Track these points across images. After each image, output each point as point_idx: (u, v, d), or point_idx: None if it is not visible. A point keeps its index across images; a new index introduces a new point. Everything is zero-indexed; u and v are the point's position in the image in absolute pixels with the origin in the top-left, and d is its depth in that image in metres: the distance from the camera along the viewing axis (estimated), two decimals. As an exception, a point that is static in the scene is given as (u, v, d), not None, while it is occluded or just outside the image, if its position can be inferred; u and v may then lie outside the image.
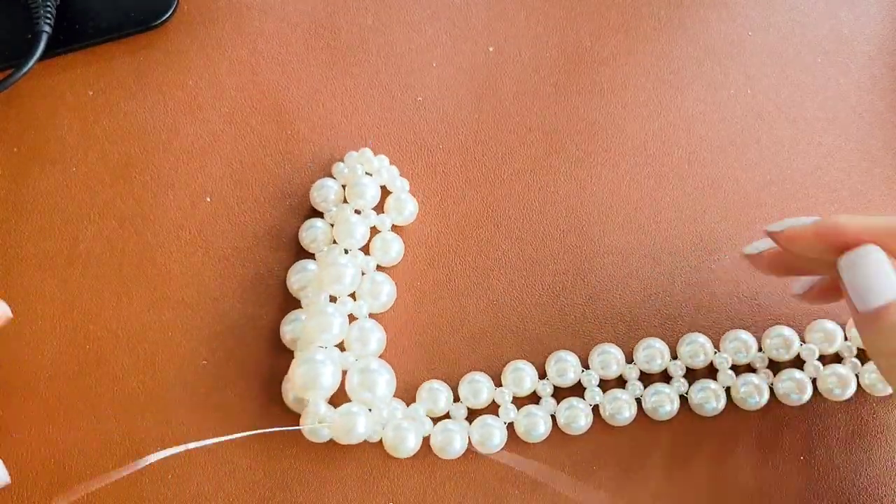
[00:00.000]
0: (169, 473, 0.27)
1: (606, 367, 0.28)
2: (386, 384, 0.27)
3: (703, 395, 0.27)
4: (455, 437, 0.27)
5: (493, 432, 0.27)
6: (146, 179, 0.32)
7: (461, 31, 0.35)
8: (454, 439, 0.27)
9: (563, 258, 0.31)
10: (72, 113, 0.33)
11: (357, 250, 0.30)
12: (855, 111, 0.34)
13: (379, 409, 0.27)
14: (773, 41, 0.35)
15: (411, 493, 0.27)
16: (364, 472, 0.27)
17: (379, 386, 0.27)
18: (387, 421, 0.27)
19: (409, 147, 0.32)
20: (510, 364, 0.28)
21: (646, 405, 0.28)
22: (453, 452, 0.27)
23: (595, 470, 0.27)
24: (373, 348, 0.28)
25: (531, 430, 0.27)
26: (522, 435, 0.27)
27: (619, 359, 0.28)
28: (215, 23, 0.35)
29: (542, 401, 0.28)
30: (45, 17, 0.32)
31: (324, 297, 0.28)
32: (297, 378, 0.26)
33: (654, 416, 0.28)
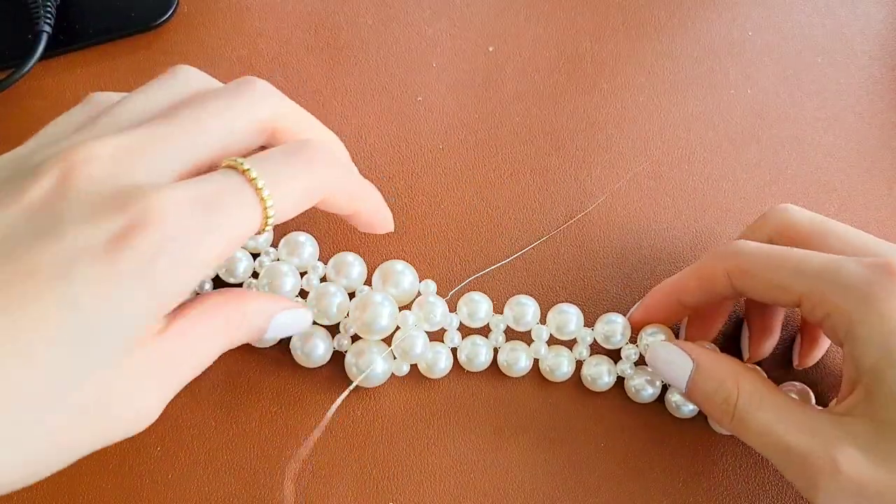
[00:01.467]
0: (170, 473, 0.27)
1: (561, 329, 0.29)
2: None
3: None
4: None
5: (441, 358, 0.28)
6: (146, 179, 0.32)
7: (461, 31, 0.35)
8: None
9: (563, 258, 0.31)
10: (72, 113, 0.33)
11: None
12: (855, 111, 0.34)
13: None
14: (773, 41, 0.35)
15: (411, 492, 0.27)
16: (364, 472, 0.27)
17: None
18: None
19: (409, 147, 0.32)
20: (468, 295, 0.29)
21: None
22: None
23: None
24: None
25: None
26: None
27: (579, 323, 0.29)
28: (215, 23, 0.35)
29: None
30: (45, 17, 0.32)
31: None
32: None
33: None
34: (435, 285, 0.29)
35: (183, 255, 0.18)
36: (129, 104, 0.21)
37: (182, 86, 0.22)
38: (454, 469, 0.27)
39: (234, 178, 0.20)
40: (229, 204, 0.19)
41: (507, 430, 0.28)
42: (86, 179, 0.18)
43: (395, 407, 0.28)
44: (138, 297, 0.18)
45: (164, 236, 0.18)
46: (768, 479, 0.27)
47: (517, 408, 0.28)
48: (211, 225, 0.19)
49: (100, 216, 0.18)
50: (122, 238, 0.17)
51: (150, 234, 0.18)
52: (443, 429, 0.28)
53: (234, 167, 0.20)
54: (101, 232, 0.17)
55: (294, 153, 0.21)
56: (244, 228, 0.20)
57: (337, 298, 0.28)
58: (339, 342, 0.28)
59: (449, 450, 0.28)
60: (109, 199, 0.18)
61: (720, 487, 0.27)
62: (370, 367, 0.27)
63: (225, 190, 0.19)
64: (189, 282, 0.19)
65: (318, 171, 0.21)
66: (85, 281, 0.17)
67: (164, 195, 0.18)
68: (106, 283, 0.17)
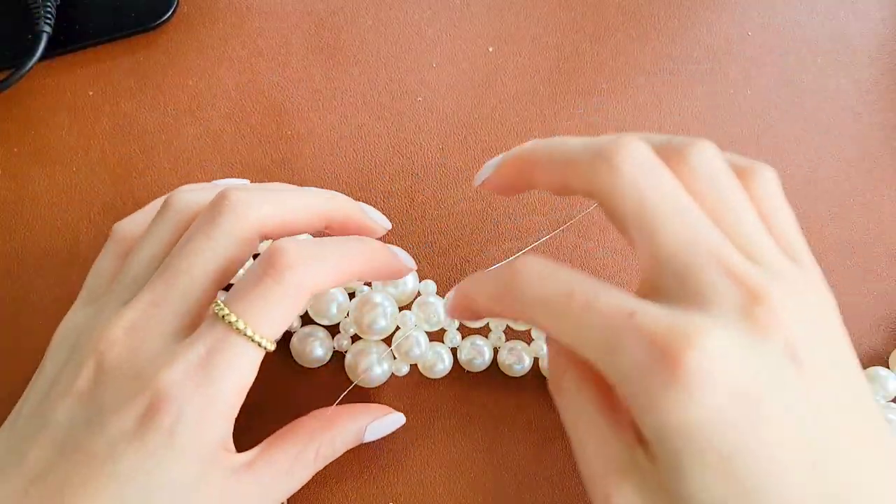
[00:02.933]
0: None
1: None
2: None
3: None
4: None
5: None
6: (146, 179, 0.32)
7: (461, 31, 0.35)
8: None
9: (564, 258, 0.31)
10: (72, 113, 0.33)
11: None
12: (855, 111, 0.34)
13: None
14: (773, 41, 0.35)
15: (411, 492, 0.27)
16: (364, 472, 0.27)
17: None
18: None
19: (409, 147, 0.32)
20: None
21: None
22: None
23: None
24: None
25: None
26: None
27: None
28: (215, 23, 0.35)
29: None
30: (45, 17, 0.32)
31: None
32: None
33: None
34: (435, 285, 0.29)
35: (198, 419, 0.22)
36: (137, 260, 0.25)
37: (175, 223, 0.25)
38: (454, 469, 0.27)
39: (219, 329, 0.22)
40: (222, 359, 0.22)
41: (506, 430, 0.28)
42: (111, 366, 0.22)
43: (394, 407, 0.28)
44: (170, 464, 0.21)
45: (174, 413, 0.21)
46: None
47: (517, 408, 0.28)
48: (213, 385, 0.22)
49: (126, 404, 0.22)
50: (145, 420, 0.21)
51: (163, 415, 0.21)
52: (443, 429, 0.28)
53: (217, 314, 0.22)
54: (130, 417, 0.21)
55: (263, 274, 0.22)
56: (245, 370, 0.22)
57: (337, 298, 0.28)
58: (339, 342, 0.28)
59: (449, 449, 0.28)
60: (130, 383, 0.22)
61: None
62: (369, 367, 0.27)
63: (216, 346, 0.22)
64: (218, 432, 0.22)
65: (291, 282, 0.22)
66: (127, 461, 0.21)
67: (167, 376, 0.21)
68: (142, 458, 0.21)
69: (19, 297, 0.30)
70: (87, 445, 0.21)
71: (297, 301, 0.23)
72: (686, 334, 0.18)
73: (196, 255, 0.23)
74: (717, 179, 0.21)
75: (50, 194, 0.31)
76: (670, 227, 0.20)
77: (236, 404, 0.23)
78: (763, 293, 0.19)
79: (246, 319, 0.22)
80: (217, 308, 0.22)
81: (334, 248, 0.24)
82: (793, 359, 0.19)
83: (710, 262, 0.19)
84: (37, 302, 0.30)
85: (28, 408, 0.23)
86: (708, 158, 0.21)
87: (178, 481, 0.22)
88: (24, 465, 0.22)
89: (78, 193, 0.31)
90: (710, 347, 0.18)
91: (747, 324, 0.19)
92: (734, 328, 0.19)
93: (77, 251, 0.30)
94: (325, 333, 0.28)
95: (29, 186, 0.31)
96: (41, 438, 0.22)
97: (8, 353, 0.29)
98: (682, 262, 0.20)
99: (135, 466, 0.21)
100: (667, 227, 0.20)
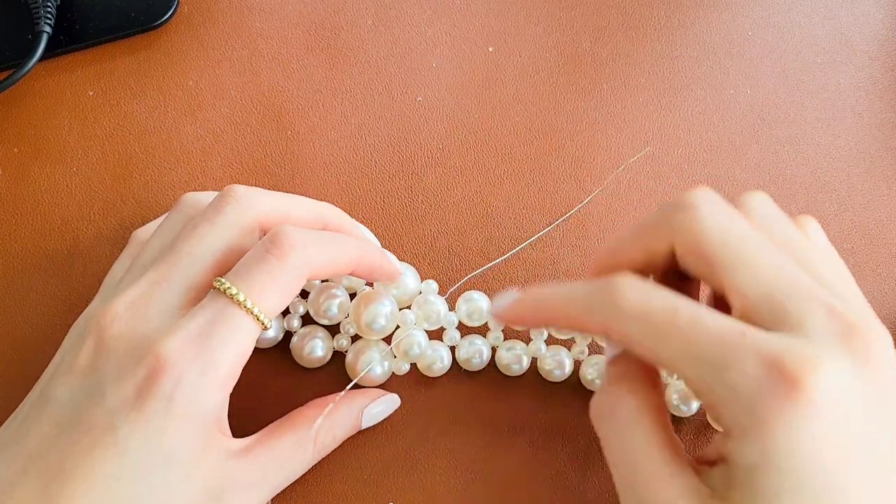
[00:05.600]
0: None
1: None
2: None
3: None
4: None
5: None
6: (146, 179, 0.32)
7: (461, 31, 0.35)
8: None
9: (564, 259, 0.31)
10: (72, 113, 0.33)
11: None
12: (855, 111, 0.34)
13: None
14: (773, 41, 0.35)
15: (411, 492, 0.27)
16: (364, 472, 0.27)
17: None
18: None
19: (409, 147, 0.32)
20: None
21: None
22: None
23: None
24: None
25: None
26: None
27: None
28: (215, 23, 0.35)
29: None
30: (45, 17, 0.32)
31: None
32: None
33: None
34: (437, 285, 0.29)
35: (196, 385, 0.22)
36: (147, 250, 0.25)
37: (184, 217, 0.26)
38: (454, 469, 0.27)
39: (220, 302, 0.23)
40: (222, 329, 0.22)
41: (506, 429, 0.28)
42: (112, 339, 0.22)
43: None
44: (168, 433, 0.22)
45: (174, 379, 0.22)
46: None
47: (516, 407, 0.28)
48: (212, 354, 0.22)
49: (126, 373, 0.22)
50: (144, 388, 0.22)
51: (163, 381, 0.22)
52: (442, 429, 0.28)
53: (218, 289, 0.23)
54: (129, 387, 0.22)
55: (265, 252, 0.23)
56: (243, 342, 0.23)
57: (338, 298, 0.28)
58: (339, 342, 0.28)
59: (449, 449, 0.28)
60: (130, 353, 0.22)
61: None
62: (369, 365, 0.27)
63: (216, 317, 0.22)
64: (214, 402, 0.22)
65: (292, 261, 0.23)
66: (126, 430, 0.21)
67: (167, 344, 0.22)
68: (141, 426, 0.21)
69: (19, 296, 0.30)
70: (88, 418, 0.21)
71: (296, 280, 0.23)
72: (806, 357, 0.18)
73: (199, 238, 0.24)
74: (779, 222, 0.22)
75: (50, 194, 0.31)
76: (760, 261, 0.20)
77: (233, 375, 0.23)
78: (860, 327, 0.19)
79: (247, 293, 0.22)
80: (218, 283, 0.23)
81: (333, 239, 0.25)
82: (890, 391, 0.19)
83: (806, 295, 0.20)
84: (37, 301, 0.30)
85: (33, 394, 0.24)
86: (764, 203, 0.23)
87: (177, 455, 0.22)
88: (25, 444, 0.22)
89: (78, 193, 0.31)
90: (830, 372, 0.18)
91: (851, 356, 0.19)
92: (842, 359, 0.19)
93: (77, 251, 0.30)
94: (325, 333, 0.28)
95: (29, 186, 0.31)
96: (42, 417, 0.22)
97: (8, 353, 0.29)
98: (780, 293, 0.20)
99: (133, 435, 0.21)
100: (756, 261, 0.20)
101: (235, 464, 0.23)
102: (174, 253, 0.24)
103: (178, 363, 0.22)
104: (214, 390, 0.22)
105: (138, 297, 0.23)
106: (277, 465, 0.24)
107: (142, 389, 0.22)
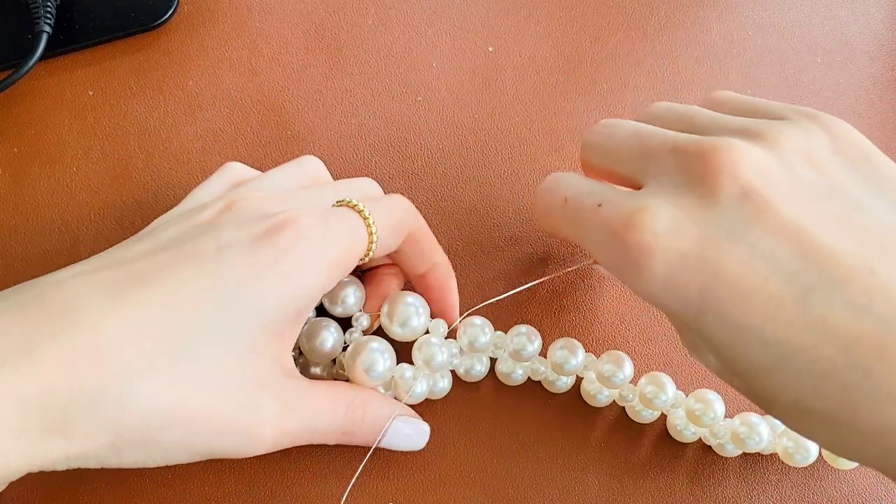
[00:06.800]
0: (169, 473, 0.27)
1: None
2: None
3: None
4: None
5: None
6: (146, 179, 0.32)
7: (461, 31, 0.35)
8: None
9: (565, 260, 0.31)
10: (72, 113, 0.33)
11: None
12: (855, 111, 0.34)
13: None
14: (773, 41, 0.35)
15: (411, 492, 0.27)
16: (364, 472, 0.27)
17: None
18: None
19: (410, 147, 0.32)
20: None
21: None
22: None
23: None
24: None
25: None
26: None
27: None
28: (215, 23, 0.35)
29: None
30: (45, 17, 0.32)
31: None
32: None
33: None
34: (445, 327, 0.27)
35: (313, 251, 0.22)
36: (267, 179, 0.27)
37: (308, 173, 0.28)
38: (453, 469, 0.27)
39: (346, 209, 0.24)
40: (344, 220, 0.24)
41: (506, 432, 0.28)
42: (242, 208, 0.23)
43: (395, 407, 0.28)
44: (273, 283, 0.22)
45: (299, 234, 0.22)
46: (771, 488, 0.27)
47: (517, 410, 0.28)
48: (334, 231, 0.23)
49: (249, 224, 0.23)
50: (265, 235, 0.22)
51: (288, 232, 0.22)
52: (442, 429, 0.28)
53: (344, 204, 0.25)
54: (248, 232, 0.22)
55: (391, 199, 0.26)
56: (357, 243, 0.24)
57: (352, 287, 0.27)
58: (351, 336, 0.27)
59: (449, 449, 0.28)
60: (259, 216, 0.23)
61: (721, 491, 0.27)
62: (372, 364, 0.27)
63: (342, 213, 0.24)
64: (314, 284, 0.23)
65: (408, 212, 0.26)
66: (231, 263, 0.21)
67: (297, 211, 0.23)
68: (248, 267, 0.21)
69: (19, 297, 0.30)
70: (195, 245, 0.22)
71: (404, 226, 0.26)
72: (630, 214, 0.20)
73: (324, 195, 0.26)
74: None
75: (50, 194, 0.31)
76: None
77: (341, 265, 0.23)
78: (702, 150, 0.21)
79: (369, 211, 0.24)
80: (346, 201, 0.25)
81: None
82: (746, 198, 0.20)
83: (656, 144, 0.22)
84: (37, 302, 0.30)
85: (139, 235, 0.24)
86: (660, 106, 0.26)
87: (260, 316, 0.21)
88: (115, 253, 0.22)
89: (78, 193, 0.31)
90: (648, 223, 0.20)
91: (687, 186, 0.20)
92: (672, 197, 0.20)
93: (77, 251, 0.30)
94: (336, 326, 0.27)
95: (29, 186, 0.31)
96: (145, 241, 0.23)
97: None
98: (640, 152, 0.23)
99: (236, 273, 0.21)
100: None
101: (286, 383, 0.23)
102: (305, 192, 0.26)
103: (305, 225, 0.22)
104: (324, 269, 0.23)
105: (271, 196, 0.24)
106: (312, 412, 0.24)
107: (262, 235, 0.22)
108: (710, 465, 0.27)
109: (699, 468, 0.27)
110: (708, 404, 0.26)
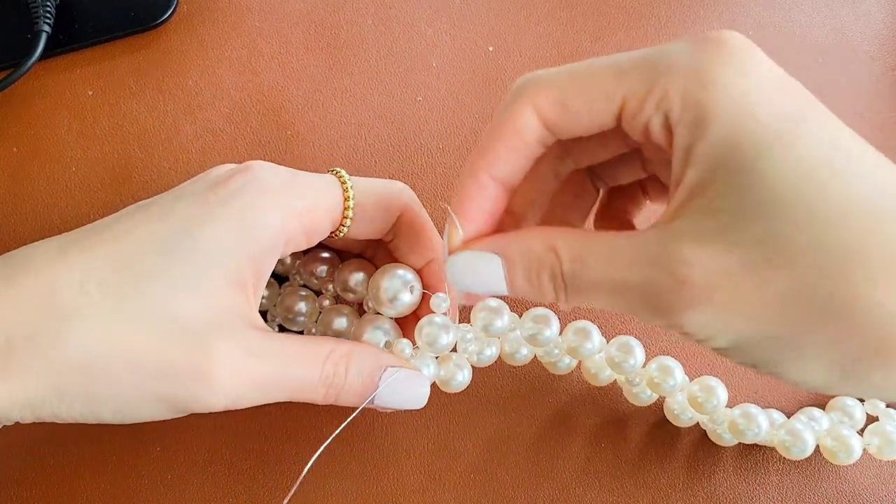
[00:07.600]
0: (169, 474, 0.27)
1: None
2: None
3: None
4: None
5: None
6: (146, 179, 0.32)
7: (461, 31, 0.35)
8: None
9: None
10: (72, 113, 0.33)
11: None
12: (855, 111, 0.34)
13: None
14: (773, 41, 0.35)
15: (411, 492, 0.27)
16: (364, 471, 0.27)
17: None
18: None
19: (409, 147, 0.32)
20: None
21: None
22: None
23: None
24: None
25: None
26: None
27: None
28: (215, 23, 0.35)
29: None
30: (45, 17, 0.32)
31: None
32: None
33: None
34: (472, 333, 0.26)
35: (267, 195, 0.22)
36: None
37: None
38: (454, 469, 0.27)
39: (326, 174, 0.25)
40: (316, 178, 0.24)
41: (507, 430, 0.28)
42: (216, 174, 0.24)
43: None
44: (221, 223, 0.21)
45: (252, 177, 0.22)
46: (769, 482, 0.27)
47: (517, 409, 0.28)
48: (299, 184, 0.23)
49: (213, 180, 0.23)
50: (221, 183, 0.22)
51: (240, 176, 0.22)
52: (443, 428, 0.28)
53: (331, 171, 0.25)
54: (207, 184, 0.22)
55: (385, 179, 0.26)
56: (324, 198, 0.23)
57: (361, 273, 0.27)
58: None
59: (449, 449, 0.28)
60: (226, 173, 0.23)
61: (721, 486, 0.27)
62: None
63: (316, 174, 0.24)
64: (267, 227, 0.22)
65: (402, 193, 0.25)
66: (181, 207, 0.22)
67: (262, 162, 0.23)
68: (197, 209, 0.22)
69: (19, 296, 0.30)
70: (154, 201, 0.22)
71: (393, 201, 0.25)
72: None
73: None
74: None
75: (49, 194, 0.31)
76: None
77: (298, 227, 0.23)
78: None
79: (349, 180, 0.24)
80: (334, 171, 0.25)
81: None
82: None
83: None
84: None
85: None
86: None
87: (222, 257, 0.21)
88: (83, 228, 0.23)
89: (78, 193, 0.31)
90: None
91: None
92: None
93: (77, 251, 0.30)
94: (350, 309, 0.27)
95: (28, 186, 0.31)
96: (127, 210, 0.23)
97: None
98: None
99: (185, 212, 0.22)
100: None
101: (247, 327, 0.22)
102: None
103: (266, 170, 0.23)
104: (278, 214, 0.22)
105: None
106: (285, 360, 0.22)
107: (217, 184, 0.22)
108: (708, 456, 0.27)
109: (696, 458, 0.27)
110: (711, 391, 0.26)
